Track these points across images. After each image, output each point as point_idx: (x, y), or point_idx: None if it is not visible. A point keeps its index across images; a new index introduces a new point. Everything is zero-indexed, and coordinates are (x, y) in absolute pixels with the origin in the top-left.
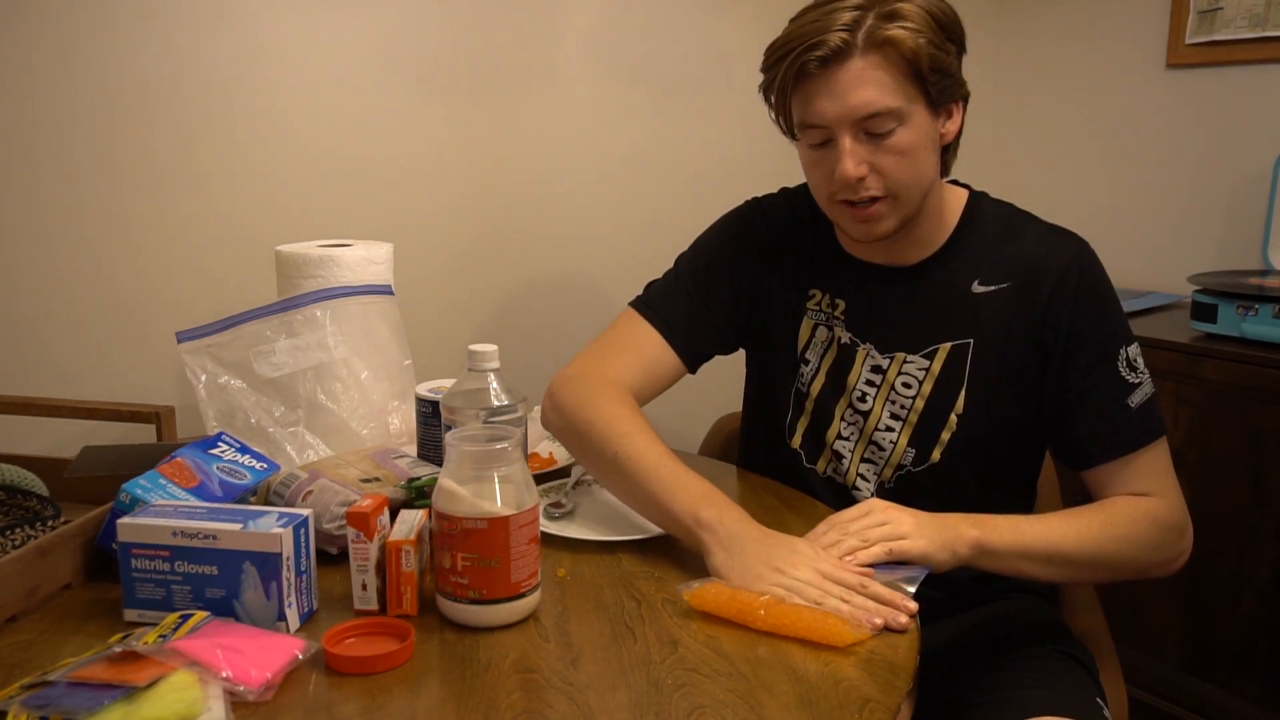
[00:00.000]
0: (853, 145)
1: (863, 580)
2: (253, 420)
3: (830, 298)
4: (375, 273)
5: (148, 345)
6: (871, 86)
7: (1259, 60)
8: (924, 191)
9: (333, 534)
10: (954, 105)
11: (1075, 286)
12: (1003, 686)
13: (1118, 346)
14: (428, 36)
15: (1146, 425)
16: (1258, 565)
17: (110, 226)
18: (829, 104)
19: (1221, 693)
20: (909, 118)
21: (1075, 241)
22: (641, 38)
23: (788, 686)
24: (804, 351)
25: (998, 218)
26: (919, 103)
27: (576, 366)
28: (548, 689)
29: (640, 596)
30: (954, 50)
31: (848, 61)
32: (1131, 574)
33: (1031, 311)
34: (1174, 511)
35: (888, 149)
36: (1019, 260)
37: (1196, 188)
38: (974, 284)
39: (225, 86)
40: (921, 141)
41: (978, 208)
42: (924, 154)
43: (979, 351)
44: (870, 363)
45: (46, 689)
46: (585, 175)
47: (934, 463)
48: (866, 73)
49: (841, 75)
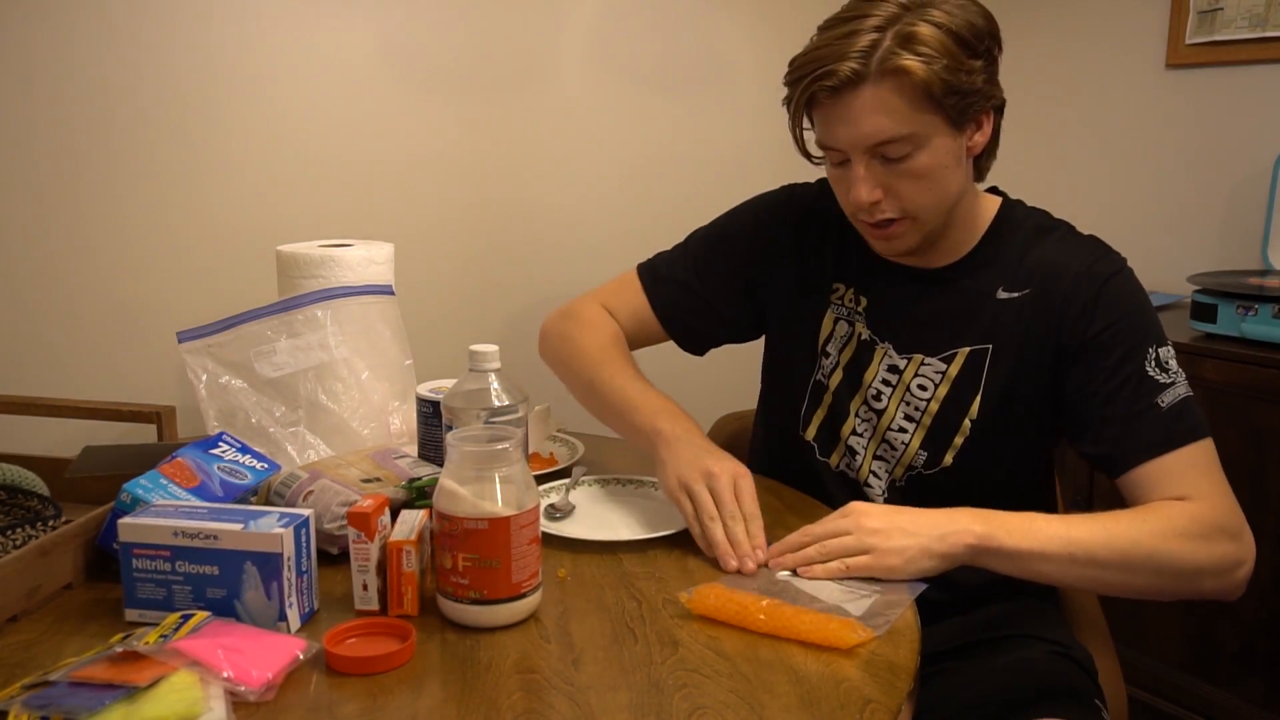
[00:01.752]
0: (866, 171)
1: (754, 527)
2: (253, 420)
3: (854, 293)
4: (376, 273)
5: (148, 345)
6: (883, 115)
7: (1259, 60)
8: (947, 209)
9: (333, 534)
10: (982, 116)
11: (1093, 288)
12: (1003, 687)
13: (1146, 346)
14: (429, 36)
15: (1181, 425)
16: (1258, 565)
17: (111, 226)
18: (842, 130)
19: (1221, 693)
20: (926, 141)
21: (1096, 247)
22: (642, 38)
23: (789, 687)
24: (825, 344)
25: (1027, 226)
26: (937, 125)
27: (569, 306)
28: (548, 689)
29: (641, 597)
30: (980, 65)
31: (860, 89)
32: (1177, 583)
33: (1048, 317)
34: (1221, 512)
35: (904, 173)
36: (1038, 267)
37: (1196, 188)
38: (999, 290)
39: (226, 87)
40: (941, 162)
41: (1009, 216)
42: (946, 174)
43: (997, 358)
44: (887, 362)
45: (47, 689)
46: (586, 174)
47: (946, 466)
48: (878, 100)
49: (854, 102)
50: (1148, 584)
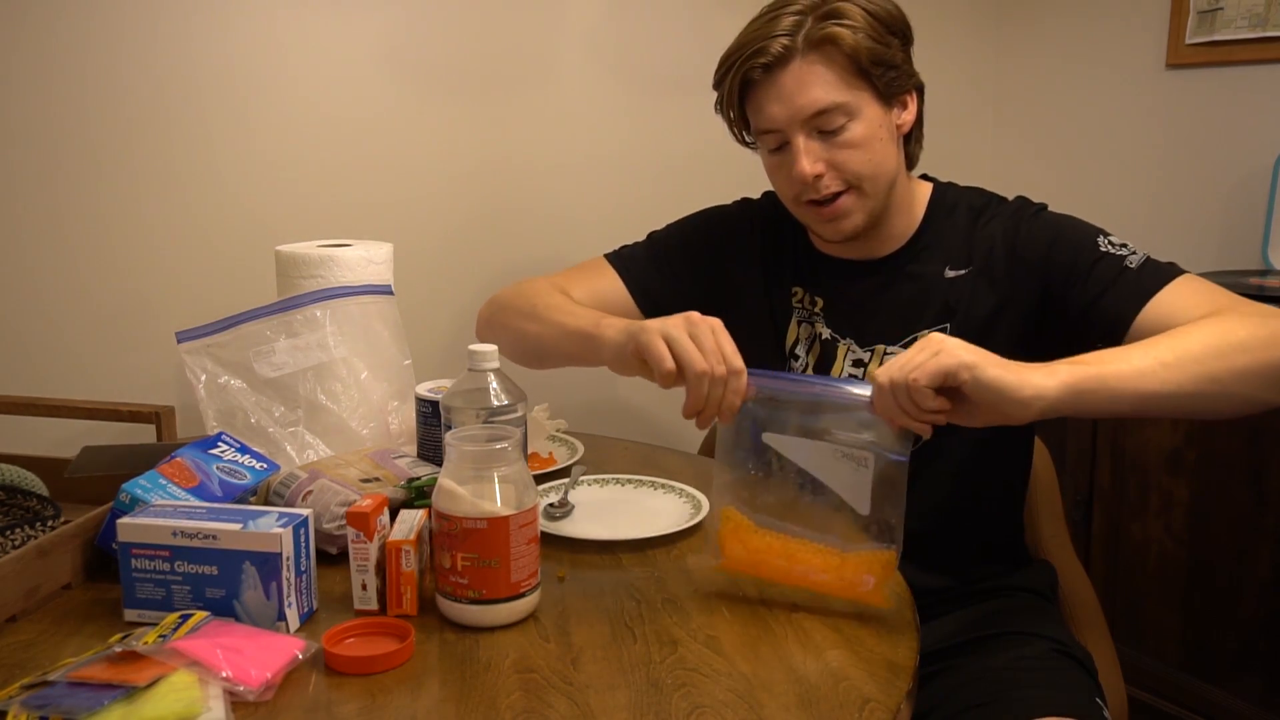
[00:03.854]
0: (806, 144)
1: (736, 383)
2: (253, 420)
3: (810, 295)
4: (375, 273)
5: (148, 345)
6: (816, 86)
7: (1259, 60)
8: (889, 183)
9: (333, 534)
10: (907, 96)
11: (1028, 226)
12: (1002, 686)
13: (1094, 236)
14: (428, 36)
15: (1161, 269)
16: (1258, 565)
17: (110, 226)
18: (778, 108)
19: (1221, 692)
20: (858, 111)
21: (1015, 203)
22: (642, 38)
23: (787, 686)
24: (793, 347)
25: (962, 206)
26: (866, 96)
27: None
28: (548, 689)
29: (640, 596)
30: (898, 44)
31: (790, 64)
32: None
33: (994, 284)
34: (1250, 303)
35: (841, 144)
36: (978, 242)
37: (1196, 188)
38: (945, 270)
39: (225, 87)
40: (875, 134)
41: (943, 198)
42: (880, 145)
43: (957, 332)
44: (852, 357)
45: (46, 689)
46: (586, 174)
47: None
48: (809, 73)
49: (785, 78)
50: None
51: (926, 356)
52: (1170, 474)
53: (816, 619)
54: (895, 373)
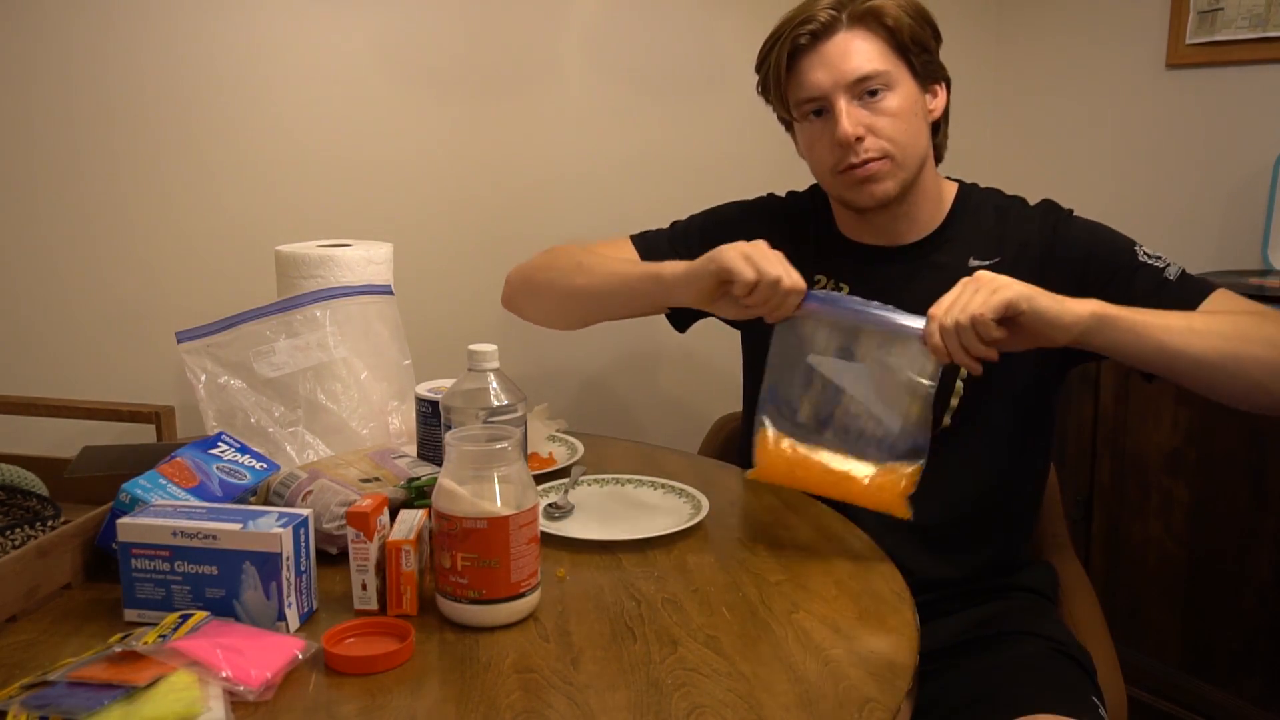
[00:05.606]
0: (848, 107)
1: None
2: (253, 420)
3: (835, 282)
4: (375, 273)
5: (148, 345)
6: (859, 54)
7: (1259, 60)
8: (919, 161)
9: (332, 534)
10: (938, 85)
11: (1060, 232)
12: (1001, 685)
13: (1130, 245)
14: (428, 36)
15: (1195, 283)
16: (1258, 565)
17: (110, 226)
18: (823, 74)
19: (1221, 692)
20: (897, 83)
21: (1045, 205)
22: (641, 38)
23: (787, 686)
24: None
25: (986, 203)
26: (904, 73)
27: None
28: (548, 689)
29: (640, 596)
30: (931, 33)
31: (836, 34)
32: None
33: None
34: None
35: (881, 110)
36: (1007, 238)
37: (1196, 188)
38: (970, 260)
39: (225, 86)
40: (911, 108)
41: (969, 195)
42: (915, 120)
43: None
44: None
45: (46, 689)
46: (585, 175)
47: (945, 428)
48: (854, 42)
49: (831, 47)
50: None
51: (987, 294)
52: (1170, 474)
53: (816, 619)
54: (958, 312)
